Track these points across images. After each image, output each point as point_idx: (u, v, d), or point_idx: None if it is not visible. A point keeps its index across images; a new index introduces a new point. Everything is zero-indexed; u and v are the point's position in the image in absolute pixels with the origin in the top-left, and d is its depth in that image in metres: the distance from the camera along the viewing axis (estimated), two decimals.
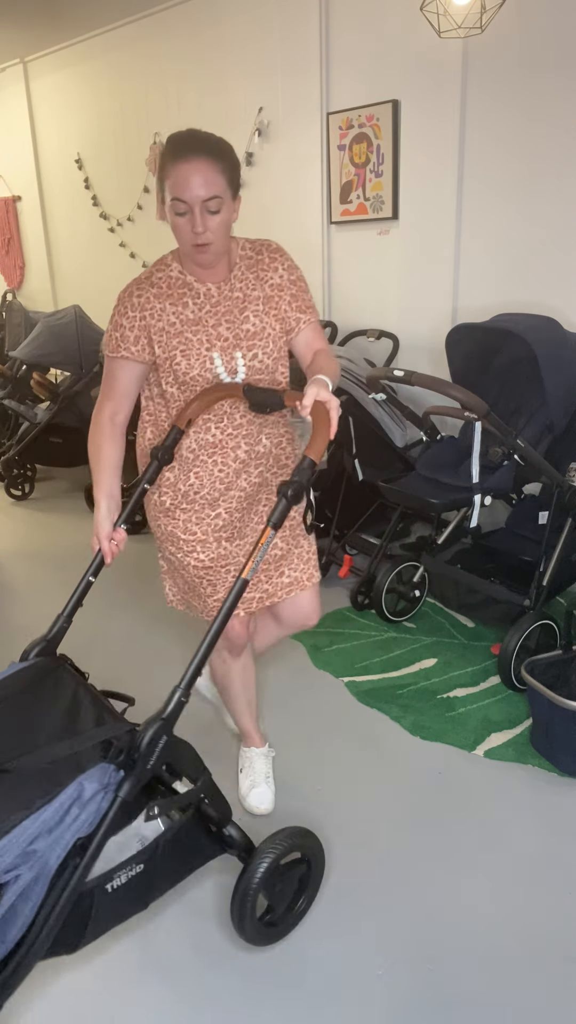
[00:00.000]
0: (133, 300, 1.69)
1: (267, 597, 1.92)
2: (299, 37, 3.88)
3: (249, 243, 1.75)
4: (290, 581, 1.93)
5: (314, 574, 1.96)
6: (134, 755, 1.36)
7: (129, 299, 1.70)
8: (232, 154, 1.60)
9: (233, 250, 1.72)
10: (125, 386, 1.74)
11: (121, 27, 4.88)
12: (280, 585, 1.92)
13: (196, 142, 1.55)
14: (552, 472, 2.52)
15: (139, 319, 1.68)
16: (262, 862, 1.57)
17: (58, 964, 1.64)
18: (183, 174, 1.52)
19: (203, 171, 1.52)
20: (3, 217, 6.53)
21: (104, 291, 5.72)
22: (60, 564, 3.76)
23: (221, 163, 1.55)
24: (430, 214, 3.54)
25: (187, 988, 1.60)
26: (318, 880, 1.74)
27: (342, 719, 2.42)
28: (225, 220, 1.60)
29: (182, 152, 1.53)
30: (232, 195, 1.60)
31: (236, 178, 1.60)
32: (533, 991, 1.56)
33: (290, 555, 1.92)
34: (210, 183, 1.53)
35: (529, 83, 3.07)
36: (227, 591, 1.81)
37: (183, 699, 1.44)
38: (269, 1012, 1.54)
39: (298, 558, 1.93)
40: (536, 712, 2.24)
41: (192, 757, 1.49)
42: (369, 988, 1.58)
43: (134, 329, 1.68)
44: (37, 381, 4.51)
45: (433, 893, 1.80)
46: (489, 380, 2.77)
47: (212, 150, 1.54)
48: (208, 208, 1.55)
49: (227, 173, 1.56)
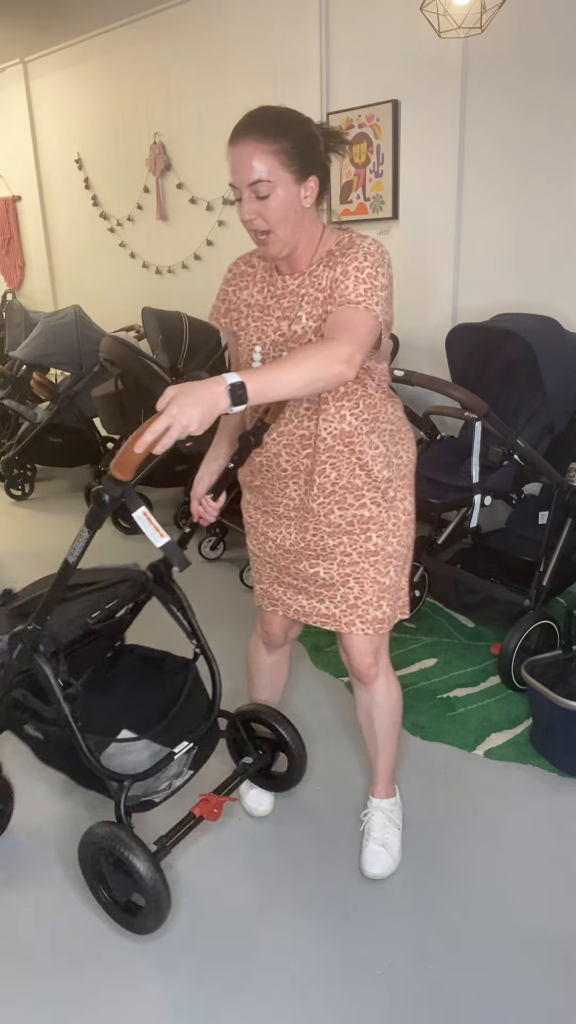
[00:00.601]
0: (228, 273, 1.73)
1: (303, 613, 1.80)
2: (299, 37, 3.88)
3: (347, 239, 1.54)
4: (327, 613, 1.75)
5: (356, 623, 1.73)
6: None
7: (228, 271, 1.73)
8: (300, 129, 1.45)
9: (322, 245, 1.55)
10: (236, 353, 1.75)
11: (121, 27, 4.88)
12: (316, 611, 1.77)
13: (249, 122, 1.44)
14: (552, 472, 2.52)
15: (228, 292, 1.71)
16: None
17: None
18: (232, 158, 1.45)
19: (249, 153, 1.42)
20: (3, 217, 6.53)
21: (104, 291, 5.75)
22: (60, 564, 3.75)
23: (275, 142, 1.41)
24: (430, 214, 3.54)
25: (187, 987, 1.60)
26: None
27: (342, 719, 2.42)
28: (282, 206, 1.45)
29: (233, 135, 1.45)
30: (296, 177, 1.45)
31: (306, 153, 1.45)
32: (533, 991, 1.56)
33: (334, 589, 1.72)
34: (258, 163, 1.41)
35: (529, 83, 3.07)
36: (260, 580, 1.87)
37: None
38: (269, 1011, 1.54)
39: (343, 598, 1.72)
40: (536, 712, 2.24)
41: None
42: (369, 988, 1.58)
43: (225, 300, 1.72)
44: (37, 381, 4.51)
45: (432, 893, 1.80)
46: (489, 380, 2.77)
47: (264, 129, 1.42)
48: (256, 192, 1.44)
49: (284, 152, 1.42)
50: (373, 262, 1.47)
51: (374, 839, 1.87)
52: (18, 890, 1.85)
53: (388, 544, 1.69)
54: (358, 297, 1.44)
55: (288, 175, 1.44)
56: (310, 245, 1.55)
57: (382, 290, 1.46)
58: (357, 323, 1.42)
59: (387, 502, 1.67)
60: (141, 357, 3.91)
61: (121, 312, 5.38)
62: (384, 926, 1.72)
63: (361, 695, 1.86)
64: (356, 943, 1.68)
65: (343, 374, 1.34)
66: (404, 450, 1.72)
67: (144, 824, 1.82)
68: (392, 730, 1.89)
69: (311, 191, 1.49)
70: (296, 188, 1.46)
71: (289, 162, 1.43)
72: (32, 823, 2.05)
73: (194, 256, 4.94)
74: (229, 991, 1.59)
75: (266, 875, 1.87)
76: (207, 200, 4.67)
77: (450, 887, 1.82)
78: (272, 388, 1.29)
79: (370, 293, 1.44)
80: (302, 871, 1.88)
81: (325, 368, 1.32)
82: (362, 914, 1.75)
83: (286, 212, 1.47)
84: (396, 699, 1.86)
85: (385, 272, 1.49)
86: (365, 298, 1.44)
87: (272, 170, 1.43)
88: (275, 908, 1.77)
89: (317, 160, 1.48)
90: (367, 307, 1.43)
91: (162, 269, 5.24)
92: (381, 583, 1.70)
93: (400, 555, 1.73)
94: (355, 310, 1.43)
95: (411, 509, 1.74)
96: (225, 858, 1.92)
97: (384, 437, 1.66)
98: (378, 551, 1.69)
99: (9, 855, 1.95)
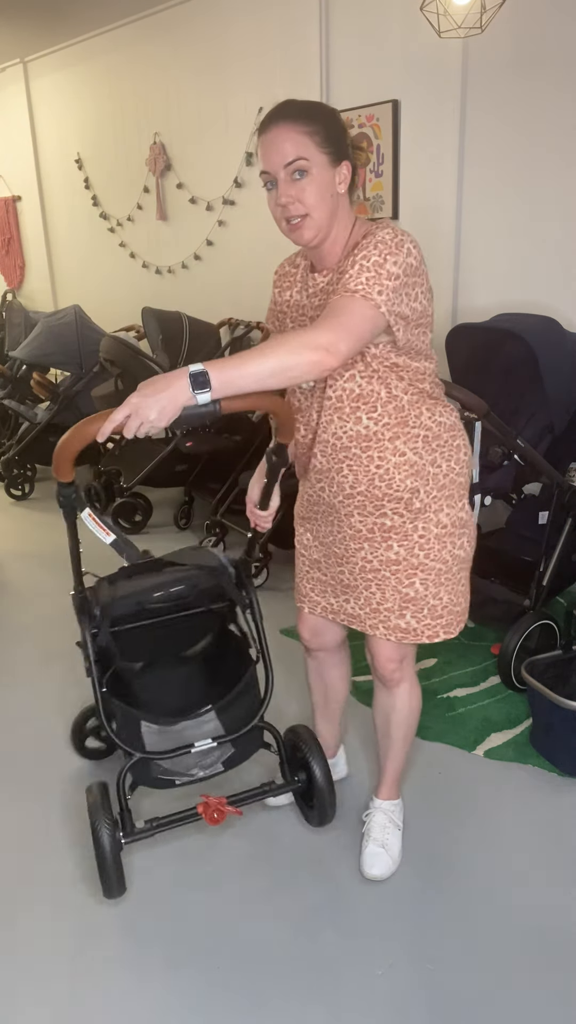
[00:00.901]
0: (275, 275, 1.71)
1: (331, 611, 1.80)
2: (299, 37, 3.88)
3: (372, 229, 1.47)
4: (353, 614, 1.75)
5: (379, 627, 1.70)
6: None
7: (275, 274, 1.72)
8: (329, 117, 1.43)
9: (352, 239, 1.51)
10: None
11: (121, 27, 4.88)
12: (344, 610, 1.77)
13: (280, 109, 1.43)
14: (552, 472, 2.52)
15: (275, 294, 1.71)
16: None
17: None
18: (264, 145, 1.42)
19: (283, 136, 1.40)
20: (3, 217, 6.53)
21: (104, 291, 5.76)
22: (60, 564, 3.74)
23: (308, 125, 1.39)
24: (430, 214, 3.54)
25: (185, 987, 1.60)
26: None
27: (342, 719, 2.42)
28: (319, 188, 1.42)
29: (263, 125, 1.43)
30: (331, 159, 1.42)
31: (337, 139, 1.43)
32: (533, 991, 1.56)
33: (358, 591, 1.70)
34: (292, 144, 1.39)
35: (529, 83, 3.07)
36: (296, 575, 1.87)
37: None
38: (268, 1012, 1.54)
39: (366, 601, 1.70)
40: (536, 712, 2.24)
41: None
42: (369, 988, 1.58)
43: (274, 304, 1.71)
44: (37, 381, 4.51)
45: (432, 893, 1.80)
46: (489, 380, 2.77)
47: (297, 114, 1.41)
48: (294, 171, 1.40)
49: (318, 134, 1.40)
50: (382, 251, 1.39)
51: (374, 840, 1.87)
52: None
53: (412, 556, 1.63)
54: (356, 285, 1.37)
55: (323, 156, 1.41)
56: (342, 236, 1.51)
57: (390, 278, 1.38)
58: (347, 311, 1.34)
59: (411, 513, 1.59)
60: (141, 357, 3.91)
61: (121, 312, 5.38)
62: (384, 926, 1.72)
63: (381, 697, 1.84)
64: (356, 943, 1.68)
65: (321, 362, 1.28)
66: (444, 458, 1.60)
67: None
68: (407, 736, 1.88)
69: (345, 177, 1.46)
70: (331, 171, 1.43)
71: (324, 143, 1.41)
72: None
73: (194, 256, 4.94)
74: (228, 991, 1.59)
75: (265, 874, 1.87)
76: (207, 200, 4.67)
77: (450, 887, 1.82)
78: (239, 376, 1.24)
79: (372, 282, 1.36)
80: (301, 870, 1.87)
81: (297, 354, 1.27)
82: (362, 914, 1.75)
83: (322, 194, 1.43)
84: (416, 707, 1.84)
85: (399, 260, 1.39)
86: (364, 286, 1.36)
87: (308, 150, 1.40)
88: (274, 907, 1.77)
89: (347, 149, 1.46)
90: (364, 295, 1.36)
91: (162, 269, 5.24)
92: (404, 593, 1.65)
93: (430, 568, 1.64)
94: (350, 298, 1.36)
95: (448, 521, 1.62)
96: (224, 855, 1.92)
97: (415, 444, 1.55)
98: (400, 560, 1.63)
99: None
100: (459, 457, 1.63)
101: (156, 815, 1.76)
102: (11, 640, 3.04)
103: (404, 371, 1.53)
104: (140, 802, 2.05)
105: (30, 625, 3.16)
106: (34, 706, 2.59)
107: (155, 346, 4.29)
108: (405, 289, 1.41)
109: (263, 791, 1.82)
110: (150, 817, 1.75)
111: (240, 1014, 1.54)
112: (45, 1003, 1.57)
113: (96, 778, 2.18)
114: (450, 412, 1.63)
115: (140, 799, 2.04)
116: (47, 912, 1.79)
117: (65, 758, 2.30)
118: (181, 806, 1.79)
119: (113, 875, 1.67)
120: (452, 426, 1.62)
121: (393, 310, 1.39)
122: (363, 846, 1.88)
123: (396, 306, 1.40)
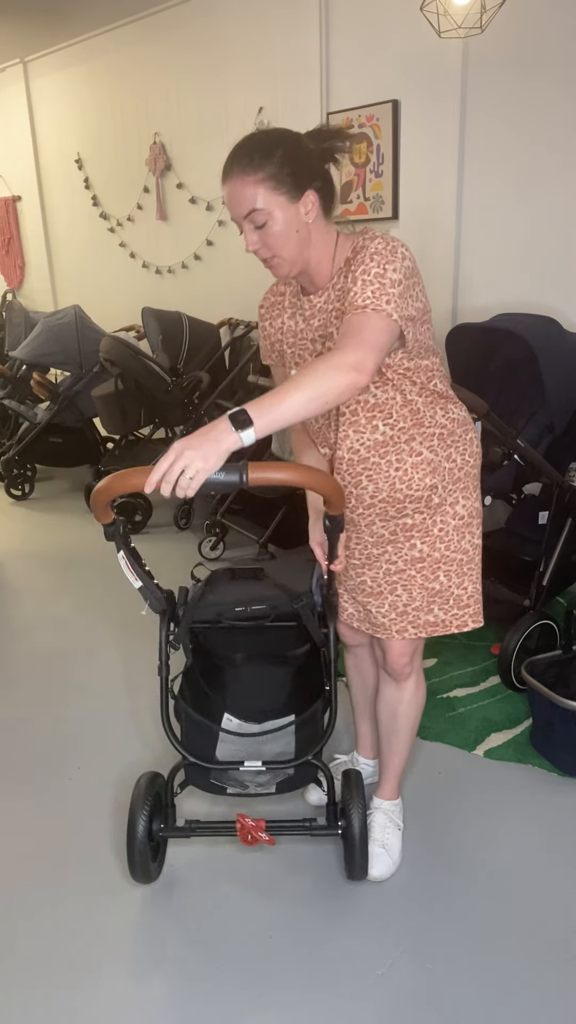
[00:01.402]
0: (260, 310, 1.71)
1: (355, 619, 1.83)
2: (299, 37, 3.88)
3: (360, 243, 1.48)
4: (377, 623, 1.76)
5: (408, 629, 1.72)
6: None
7: (260, 308, 1.71)
8: (282, 149, 1.40)
9: (339, 254, 1.51)
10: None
11: (121, 27, 4.88)
12: (367, 619, 1.79)
13: (232, 157, 1.42)
14: (552, 472, 2.52)
15: (265, 327, 1.70)
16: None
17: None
18: (225, 195, 1.44)
19: (236, 187, 1.41)
20: (3, 217, 6.53)
21: (104, 291, 5.76)
22: (60, 564, 3.76)
23: (258, 171, 1.39)
24: (430, 214, 3.54)
25: (185, 987, 1.60)
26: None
27: (342, 720, 2.42)
28: (282, 229, 1.43)
29: (223, 173, 1.43)
30: (290, 197, 1.41)
31: (295, 173, 1.40)
32: (533, 991, 1.56)
33: (382, 596, 1.72)
34: (245, 198, 1.40)
35: (529, 83, 3.07)
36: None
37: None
38: (268, 1011, 1.54)
39: (391, 606, 1.71)
40: (536, 712, 2.24)
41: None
42: (369, 988, 1.58)
43: (266, 338, 1.70)
44: (37, 381, 4.51)
45: (433, 893, 1.80)
46: (489, 380, 2.77)
47: (246, 160, 1.40)
48: (253, 222, 1.43)
49: (271, 177, 1.39)
50: (380, 260, 1.40)
51: (375, 840, 1.87)
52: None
53: (435, 551, 1.65)
54: (364, 301, 1.38)
55: (281, 198, 1.41)
56: (326, 257, 1.51)
57: (394, 286, 1.39)
58: (365, 327, 1.36)
59: (431, 509, 1.62)
60: (141, 357, 3.91)
61: (121, 312, 5.39)
62: (384, 926, 1.72)
63: (389, 691, 1.86)
64: (356, 943, 1.68)
65: (355, 382, 1.29)
66: (459, 452, 1.64)
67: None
68: (411, 731, 1.90)
69: (311, 205, 1.44)
70: (293, 208, 1.42)
71: (278, 185, 1.40)
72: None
73: (194, 256, 4.94)
74: (228, 991, 1.59)
75: (265, 874, 1.87)
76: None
77: (450, 887, 1.82)
78: (277, 410, 1.24)
79: (378, 293, 1.38)
80: (301, 871, 1.87)
81: (332, 379, 1.28)
82: (362, 914, 1.75)
83: (288, 234, 1.44)
84: (420, 701, 1.87)
85: (397, 267, 1.40)
86: (372, 299, 1.38)
87: (263, 198, 1.40)
88: (274, 907, 1.77)
89: (312, 173, 1.43)
90: (375, 308, 1.37)
91: (162, 269, 5.24)
92: (430, 588, 1.68)
93: (452, 560, 1.67)
94: (362, 314, 1.37)
95: (464, 512, 1.66)
96: (224, 855, 1.92)
97: (431, 442, 1.58)
98: (424, 558, 1.66)
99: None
100: (472, 450, 1.67)
101: (195, 813, 1.82)
102: (11, 640, 3.04)
103: (416, 374, 1.55)
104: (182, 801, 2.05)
105: (30, 625, 3.16)
106: (34, 706, 2.59)
107: (155, 346, 4.30)
108: (408, 292, 1.43)
109: (303, 826, 1.76)
110: (192, 818, 1.78)
111: (240, 1014, 1.54)
112: (44, 1001, 1.57)
113: (95, 782, 2.20)
114: (460, 407, 1.66)
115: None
116: (48, 911, 1.79)
117: (64, 759, 2.30)
118: (220, 809, 1.83)
119: (139, 861, 1.72)
120: (464, 420, 1.66)
121: (403, 315, 1.41)
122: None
123: (404, 309, 1.41)
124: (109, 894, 1.81)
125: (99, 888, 1.83)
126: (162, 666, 1.79)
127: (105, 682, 2.71)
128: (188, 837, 1.77)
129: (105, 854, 1.93)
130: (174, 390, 3.91)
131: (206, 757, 1.82)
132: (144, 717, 2.49)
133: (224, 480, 1.22)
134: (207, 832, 1.78)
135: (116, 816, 2.05)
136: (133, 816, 1.69)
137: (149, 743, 2.35)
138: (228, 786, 1.77)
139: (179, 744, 1.76)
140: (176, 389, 3.91)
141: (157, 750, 2.31)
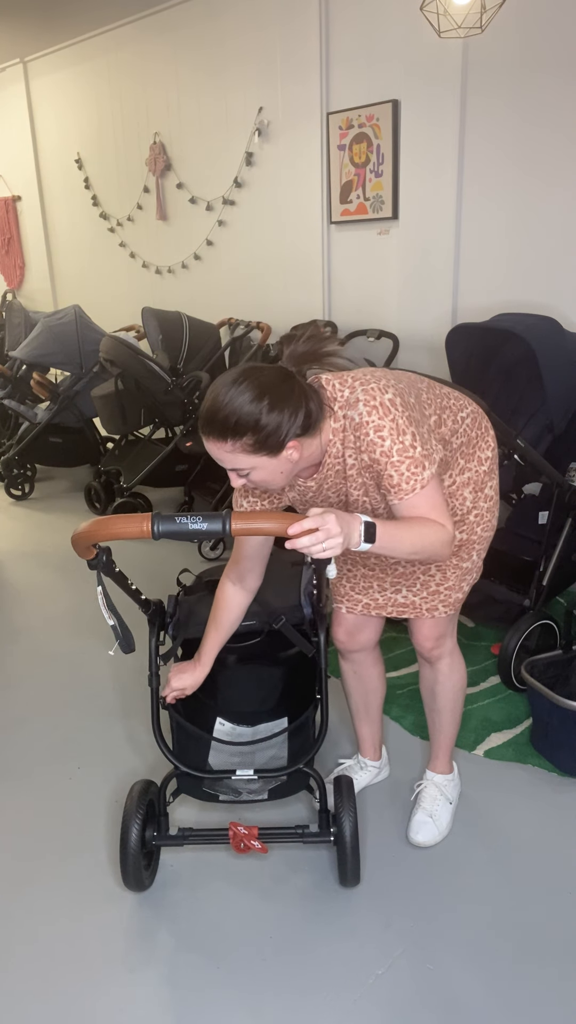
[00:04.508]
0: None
1: (375, 607, 1.83)
2: (299, 37, 3.88)
3: (348, 423, 1.46)
4: (405, 603, 1.79)
5: (439, 608, 1.78)
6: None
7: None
8: (253, 422, 1.33)
9: (330, 437, 1.50)
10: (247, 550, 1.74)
11: (121, 27, 4.88)
12: (393, 602, 1.80)
13: (207, 420, 1.37)
14: (552, 472, 2.52)
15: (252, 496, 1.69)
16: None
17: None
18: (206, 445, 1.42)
19: (214, 449, 1.39)
20: (3, 217, 6.53)
21: (104, 291, 5.76)
22: (60, 564, 3.76)
23: (233, 441, 1.35)
24: (430, 214, 3.54)
25: (185, 987, 1.60)
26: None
27: (341, 719, 2.42)
28: (268, 474, 1.41)
29: (200, 427, 1.40)
30: (270, 455, 1.38)
31: (269, 437, 1.35)
32: (533, 991, 1.56)
33: (414, 579, 1.77)
34: (223, 459, 1.40)
35: (529, 83, 3.07)
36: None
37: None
38: (268, 1011, 1.54)
39: (423, 586, 1.76)
40: (536, 712, 2.24)
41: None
42: (369, 988, 1.58)
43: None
44: (37, 381, 4.51)
45: (433, 893, 1.80)
46: (489, 380, 2.77)
47: (221, 432, 1.35)
48: (238, 473, 1.42)
49: (248, 444, 1.35)
50: (386, 430, 1.40)
51: (423, 809, 1.95)
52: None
53: (472, 534, 1.74)
54: (408, 483, 1.41)
55: (260, 457, 1.38)
56: (316, 452, 1.50)
57: (412, 438, 1.41)
58: (429, 503, 1.42)
59: (470, 503, 1.72)
60: (141, 357, 3.91)
61: (121, 312, 5.39)
62: (384, 926, 1.72)
63: (426, 672, 1.93)
64: (356, 943, 1.68)
65: (447, 557, 1.46)
66: (486, 444, 1.72)
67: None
68: (455, 709, 1.96)
69: (293, 449, 1.40)
70: (275, 460, 1.39)
71: (257, 448, 1.36)
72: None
73: (194, 256, 4.94)
74: (227, 992, 1.59)
75: (265, 875, 1.87)
76: (207, 200, 4.67)
77: (450, 886, 1.82)
78: (392, 543, 1.33)
79: (409, 465, 1.40)
80: (301, 871, 1.87)
81: (438, 551, 1.40)
82: (362, 914, 1.75)
83: (273, 477, 1.43)
84: (459, 678, 1.92)
85: (397, 416, 1.41)
86: (411, 474, 1.40)
87: (241, 459, 1.38)
88: (274, 907, 1.78)
89: (292, 423, 1.37)
90: (420, 483, 1.41)
91: (162, 269, 5.25)
92: (463, 567, 1.77)
93: (484, 539, 1.77)
94: (417, 497, 1.42)
95: (493, 493, 1.75)
96: (223, 855, 1.92)
97: (470, 463, 1.70)
98: (463, 544, 1.74)
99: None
100: (490, 442, 1.74)
101: (188, 819, 1.82)
102: (11, 640, 3.04)
103: (452, 439, 1.63)
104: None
105: (30, 625, 3.16)
106: (34, 706, 2.59)
107: (155, 346, 4.30)
108: (419, 429, 1.44)
109: (296, 834, 1.75)
110: (184, 825, 1.81)
111: (239, 1014, 1.54)
112: (43, 999, 1.57)
113: (93, 784, 2.20)
114: (480, 412, 1.73)
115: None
116: (46, 912, 1.79)
117: (64, 760, 2.30)
118: (214, 816, 1.83)
119: (132, 870, 1.72)
120: (478, 420, 1.72)
121: (434, 457, 1.45)
122: (412, 814, 1.97)
123: (432, 451, 1.46)
124: (107, 896, 1.81)
125: (97, 890, 1.84)
126: (152, 676, 1.82)
127: (105, 682, 2.71)
128: (181, 845, 1.77)
129: (104, 855, 1.93)
130: (174, 390, 3.91)
131: (198, 766, 1.83)
132: (144, 718, 2.48)
133: (207, 530, 1.28)
134: (200, 840, 1.79)
135: (115, 817, 2.05)
136: (126, 825, 1.70)
137: (148, 743, 2.35)
138: (221, 793, 1.79)
139: (171, 754, 1.77)
140: (176, 389, 3.91)
141: (153, 754, 2.31)
